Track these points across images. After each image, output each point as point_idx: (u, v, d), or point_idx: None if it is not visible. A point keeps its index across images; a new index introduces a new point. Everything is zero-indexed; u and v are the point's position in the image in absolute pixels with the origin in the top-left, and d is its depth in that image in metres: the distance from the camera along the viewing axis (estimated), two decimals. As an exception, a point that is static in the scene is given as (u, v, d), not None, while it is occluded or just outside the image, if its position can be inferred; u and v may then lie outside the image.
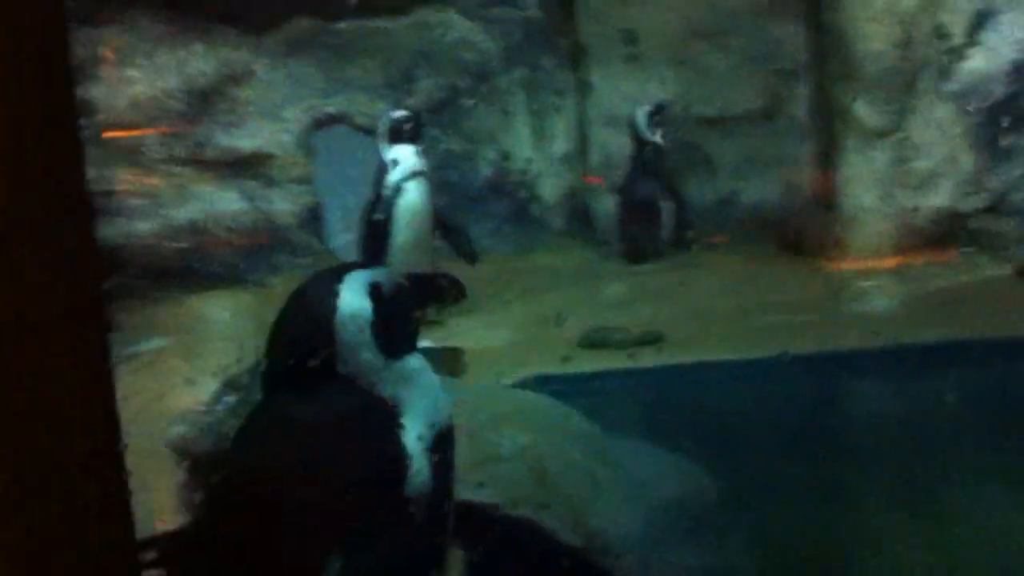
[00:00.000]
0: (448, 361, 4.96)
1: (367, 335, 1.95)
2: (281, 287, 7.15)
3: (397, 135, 5.61)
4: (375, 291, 1.99)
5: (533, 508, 3.03)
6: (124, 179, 7.18)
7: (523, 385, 4.53)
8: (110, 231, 7.11)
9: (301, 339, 1.94)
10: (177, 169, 7.35)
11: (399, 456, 1.92)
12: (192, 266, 7.19)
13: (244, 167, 7.38)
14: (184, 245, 7.21)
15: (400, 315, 2.03)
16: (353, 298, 1.97)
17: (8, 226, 1.35)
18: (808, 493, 3.75)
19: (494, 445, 3.36)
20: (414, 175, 5.47)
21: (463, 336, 5.41)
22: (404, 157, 5.52)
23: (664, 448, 3.66)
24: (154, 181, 7.28)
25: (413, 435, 1.94)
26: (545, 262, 7.29)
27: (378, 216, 5.42)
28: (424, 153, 5.66)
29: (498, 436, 3.43)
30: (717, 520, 3.29)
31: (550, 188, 7.86)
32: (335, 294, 1.96)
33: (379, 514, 1.89)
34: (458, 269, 5.91)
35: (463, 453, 3.34)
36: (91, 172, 1.50)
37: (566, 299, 5.96)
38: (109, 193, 7.23)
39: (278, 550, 1.82)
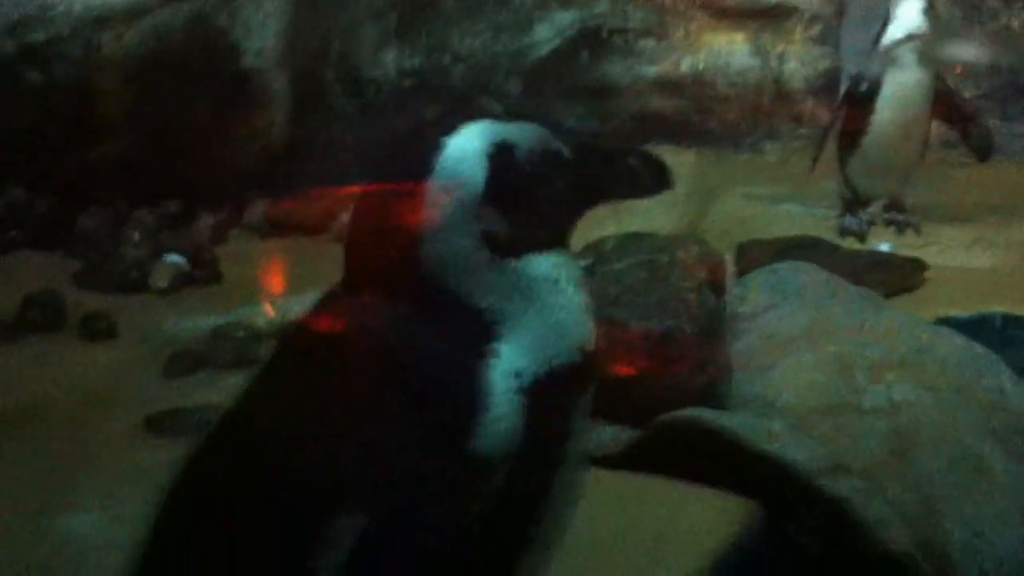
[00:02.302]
0: (901, 274, 4.06)
1: (468, 213, 1.33)
2: (775, 157, 6.51)
3: (914, -20, 4.49)
4: (501, 153, 1.36)
5: (864, 488, 2.23)
6: (638, 17, 6.82)
7: (973, 323, 3.52)
8: (615, 69, 6.85)
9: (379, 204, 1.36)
10: (695, 13, 6.82)
11: (472, 393, 1.30)
12: (690, 120, 6.73)
13: (764, 19, 6.66)
14: (684, 99, 6.76)
15: (540, 196, 1.38)
16: (460, 155, 1.35)
17: None
18: None
19: (856, 392, 2.56)
20: (911, 38, 4.40)
21: (939, 249, 4.42)
22: (906, 13, 4.45)
23: None
24: (670, 23, 6.83)
25: (506, 368, 1.31)
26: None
27: (862, 88, 4.48)
28: (931, 11, 4.51)
29: (869, 381, 2.60)
30: None
31: None
32: (437, 147, 1.36)
33: (423, 471, 1.28)
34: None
35: (809, 393, 2.63)
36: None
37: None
38: (622, 31, 6.93)
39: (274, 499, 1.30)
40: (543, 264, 1.38)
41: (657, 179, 1.48)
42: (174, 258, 4.07)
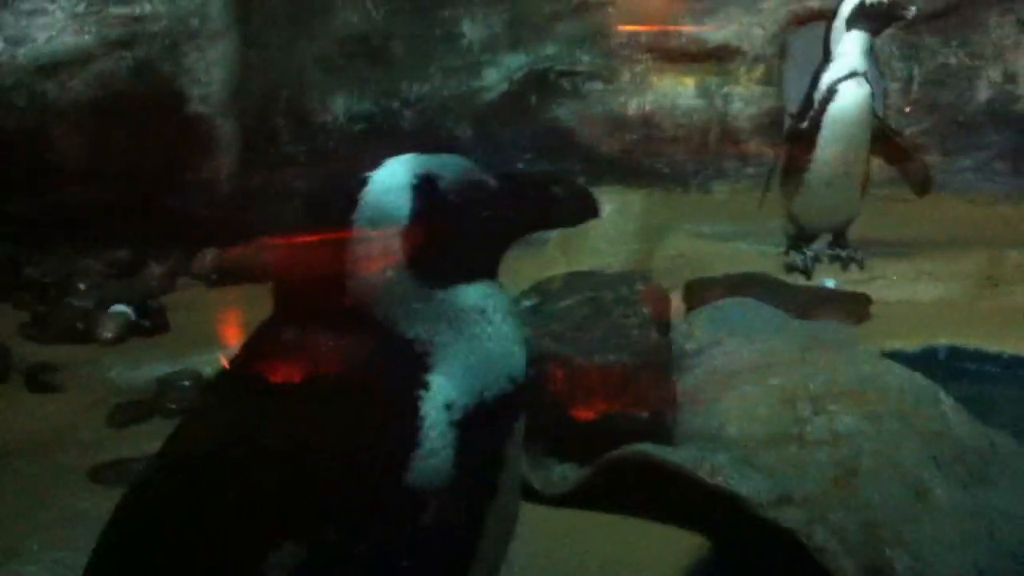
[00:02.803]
0: (848, 308, 4.12)
1: (393, 245, 1.34)
2: (723, 195, 6.59)
3: (857, 19, 4.59)
4: (425, 185, 1.38)
5: (807, 517, 2.25)
6: (585, 60, 6.91)
7: (919, 356, 3.58)
8: (564, 111, 6.92)
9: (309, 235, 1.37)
10: (642, 56, 6.92)
11: (405, 425, 1.30)
12: (639, 160, 6.80)
13: (709, 60, 6.77)
14: (632, 139, 6.84)
15: (466, 226, 1.39)
16: (384, 188, 1.37)
17: None
18: None
19: (800, 422, 2.58)
20: (851, 75, 4.48)
21: (884, 283, 4.49)
22: (846, 52, 4.53)
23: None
24: (617, 66, 6.92)
25: (439, 400, 1.31)
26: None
27: (803, 126, 4.55)
28: (870, 51, 4.60)
29: (814, 412, 2.63)
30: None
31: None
32: (362, 182, 1.38)
33: (355, 504, 1.28)
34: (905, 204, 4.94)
35: (753, 425, 2.66)
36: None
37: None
38: (570, 74, 7.01)
39: (218, 529, 1.30)
40: (472, 294, 1.39)
41: (584, 207, 1.50)
42: (121, 308, 4.04)
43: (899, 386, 2.82)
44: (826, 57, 4.69)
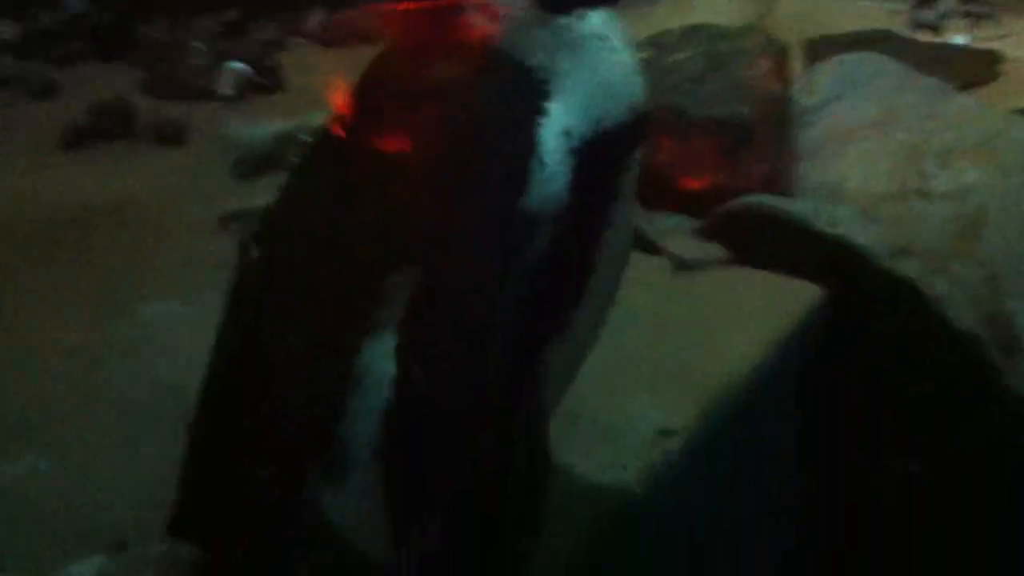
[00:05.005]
0: (976, 67, 3.93)
1: None
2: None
3: None
4: None
5: (928, 268, 2.23)
6: None
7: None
8: None
9: None
10: None
11: (523, 149, 1.29)
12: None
13: None
14: None
15: None
16: None
17: None
18: None
19: (925, 178, 2.53)
20: None
21: (1016, 41, 4.26)
22: None
23: None
24: None
25: (558, 127, 1.30)
26: None
27: None
28: None
29: (939, 166, 2.57)
30: None
31: None
32: None
33: (475, 225, 1.28)
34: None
35: (876, 180, 2.61)
36: None
37: None
38: None
39: None
40: (593, 20, 1.36)
41: None
42: (237, 65, 4.06)
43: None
44: None
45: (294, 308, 1.38)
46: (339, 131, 1.43)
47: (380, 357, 1.28)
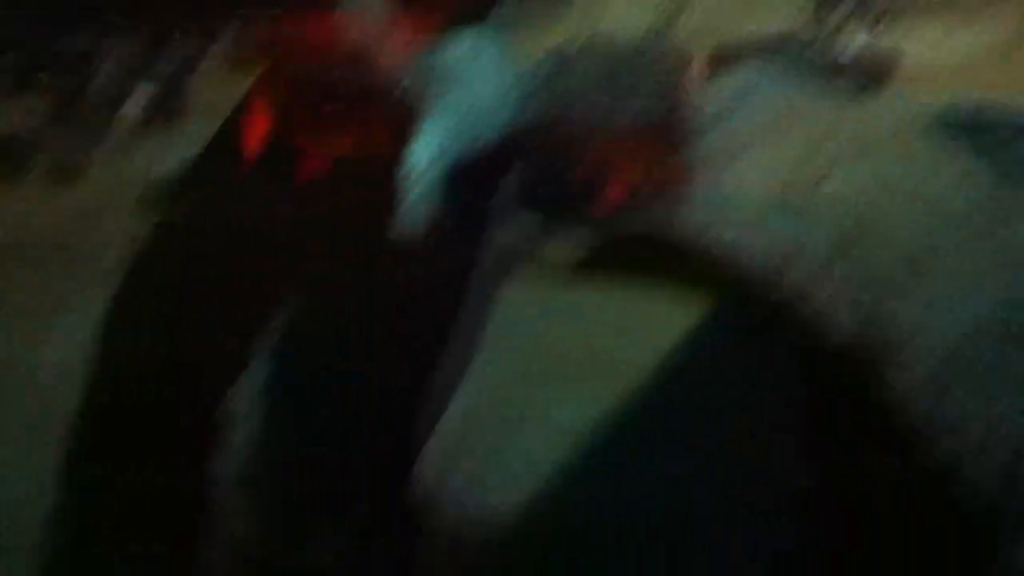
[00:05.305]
0: (874, 68, 3.99)
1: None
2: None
3: None
4: None
5: (810, 274, 2.27)
6: None
7: (951, 116, 3.48)
8: None
9: None
10: None
11: (394, 172, 1.29)
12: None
13: None
14: None
15: None
16: None
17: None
18: None
19: (817, 178, 2.57)
20: None
21: (914, 38, 4.32)
22: None
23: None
24: None
25: (427, 150, 1.30)
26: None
27: None
28: None
29: (830, 171, 2.61)
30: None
31: None
32: None
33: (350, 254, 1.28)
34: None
35: (766, 185, 2.64)
36: None
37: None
38: None
39: None
40: (465, 41, 1.36)
41: None
42: (148, 86, 4.03)
43: (927, 137, 2.79)
44: None
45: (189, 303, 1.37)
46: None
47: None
